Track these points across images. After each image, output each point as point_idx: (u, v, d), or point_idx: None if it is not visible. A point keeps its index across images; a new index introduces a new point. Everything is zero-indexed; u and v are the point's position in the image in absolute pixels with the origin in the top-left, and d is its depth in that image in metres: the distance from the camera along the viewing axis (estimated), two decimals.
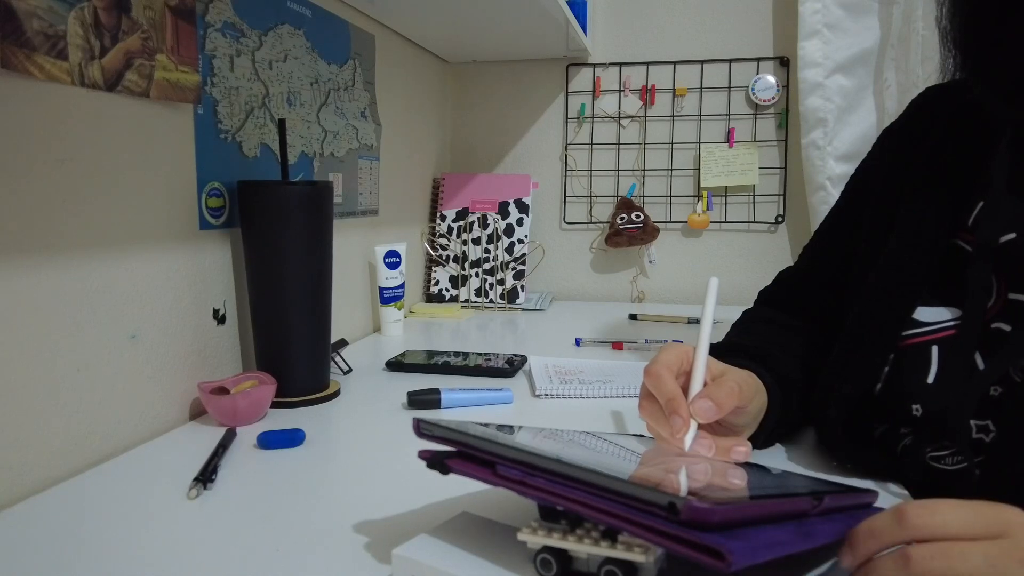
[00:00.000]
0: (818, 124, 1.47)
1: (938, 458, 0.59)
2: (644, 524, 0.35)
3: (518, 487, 0.41)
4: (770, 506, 0.40)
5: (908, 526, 0.38)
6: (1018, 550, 0.36)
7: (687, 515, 0.34)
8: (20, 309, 0.60)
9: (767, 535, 0.37)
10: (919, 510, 0.38)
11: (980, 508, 0.38)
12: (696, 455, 0.54)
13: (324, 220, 0.85)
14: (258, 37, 0.92)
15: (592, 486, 0.38)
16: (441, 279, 1.58)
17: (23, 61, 0.57)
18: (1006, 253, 0.58)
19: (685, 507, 0.34)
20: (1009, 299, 0.58)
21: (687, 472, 0.46)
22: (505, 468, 0.42)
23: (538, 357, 1.04)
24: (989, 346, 0.57)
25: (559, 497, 0.39)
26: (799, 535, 0.40)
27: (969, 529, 0.37)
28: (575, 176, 1.70)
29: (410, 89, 1.48)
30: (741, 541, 0.35)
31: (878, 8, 1.44)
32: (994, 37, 0.60)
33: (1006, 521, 0.37)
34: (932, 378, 0.59)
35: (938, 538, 0.37)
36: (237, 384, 0.78)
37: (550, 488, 0.39)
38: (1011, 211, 0.59)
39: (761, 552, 0.35)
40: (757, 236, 1.64)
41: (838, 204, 0.80)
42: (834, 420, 0.63)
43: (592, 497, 0.38)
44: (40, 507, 0.57)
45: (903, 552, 0.37)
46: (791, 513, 0.41)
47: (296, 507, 0.57)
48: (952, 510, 0.38)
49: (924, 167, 0.67)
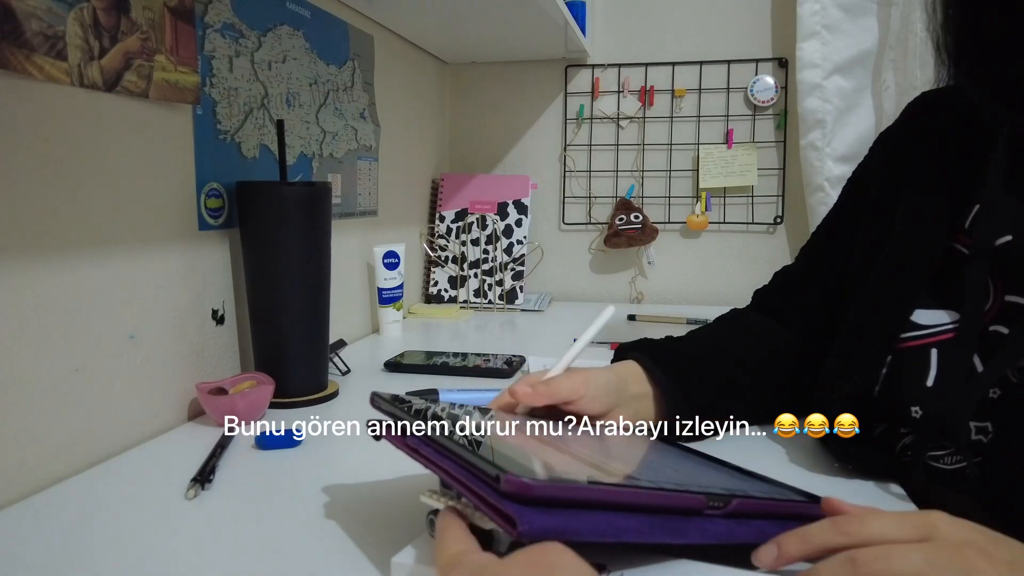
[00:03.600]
0: (816, 125, 1.47)
1: (936, 458, 0.59)
2: (475, 492, 0.39)
3: (413, 454, 0.46)
4: (626, 494, 0.41)
5: (842, 532, 0.41)
6: (949, 548, 0.38)
7: (507, 487, 0.37)
8: (19, 309, 0.60)
9: (597, 519, 0.39)
10: (851, 519, 0.42)
11: (904, 516, 0.41)
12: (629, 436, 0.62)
13: (323, 221, 0.85)
14: (257, 38, 0.92)
15: (455, 455, 0.43)
16: (440, 280, 1.58)
17: (22, 61, 0.57)
18: (1002, 255, 0.59)
19: (505, 480, 0.37)
20: (1006, 301, 0.58)
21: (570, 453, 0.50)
22: (411, 439, 0.47)
23: (537, 358, 1.04)
24: (987, 349, 0.57)
25: (433, 464, 0.44)
26: (660, 528, 0.41)
27: (900, 534, 0.40)
28: (574, 177, 1.71)
29: (409, 90, 1.48)
30: (549, 517, 0.37)
31: (877, 9, 1.45)
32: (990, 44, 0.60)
33: (931, 523, 0.40)
34: (931, 381, 0.59)
35: (875, 542, 0.39)
36: (236, 384, 0.78)
37: (432, 458, 0.44)
38: (1007, 213, 0.59)
39: (578, 532, 0.38)
40: (756, 237, 1.64)
41: (836, 206, 0.80)
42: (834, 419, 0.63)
43: (452, 465, 0.42)
44: (38, 507, 0.57)
45: (849, 555, 0.39)
46: (671, 507, 0.42)
47: (294, 507, 0.57)
48: (880, 518, 0.41)
49: (921, 170, 0.67)
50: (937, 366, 0.59)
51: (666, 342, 0.74)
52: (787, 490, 0.53)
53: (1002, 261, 0.58)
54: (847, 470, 0.64)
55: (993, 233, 0.59)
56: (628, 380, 0.66)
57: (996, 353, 0.56)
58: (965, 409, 0.57)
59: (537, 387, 0.59)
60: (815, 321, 0.77)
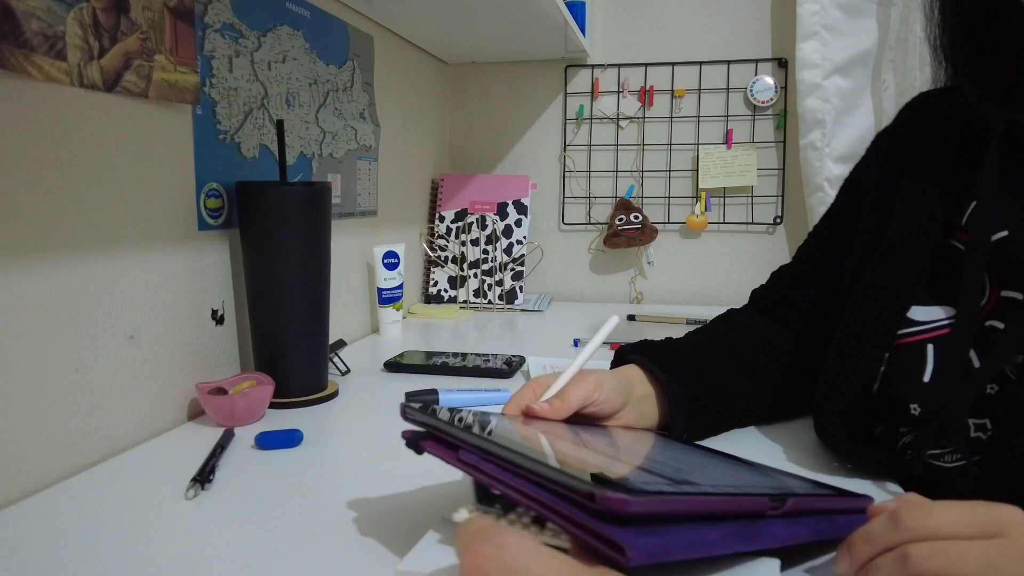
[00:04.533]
0: (816, 125, 1.47)
1: (937, 456, 0.59)
2: (561, 512, 0.36)
3: (474, 472, 0.43)
4: (710, 503, 0.39)
5: (903, 528, 0.38)
6: (1016, 548, 0.36)
7: (602, 504, 0.34)
8: (18, 309, 0.60)
9: (689, 534, 0.37)
10: (913, 512, 0.38)
11: (976, 507, 0.38)
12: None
13: (322, 221, 0.85)
14: (257, 38, 0.92)
15: (527, 471, 0.39)
16: (440, 280, 1.58)
17: (22, 62, 0.58)
18: (998, 251, 0.59)
19: (602, 496, 0.34)
20: (1002, 296, 0.58)
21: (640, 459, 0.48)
22: (465, 454, 0.45)
23: (536, 358, 1.04)
24: (984, 344, 0.58)
25: (502, 484, 0.41)
26: (737, 536, 0.39)
27: (965, 529, 0.37)
28: (574, 177, 1.71)
29: (409, 90, 1.48)
30: (652, 538, 0.34)
31: (876, 10, 1.45)
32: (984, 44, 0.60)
33: (1003, 520, 0.37)
34: (928, 377, 0.59)
35: (935, 538, 0.37)
36: (235, 384, 0.78)
37: (497, 475, 0.41)
38: (1003, 209, 0.60)
39: (674, 551, 0.35)
40: (755, 237, 1.64)
41: (833, 205, 0.81)
42: (834, 416, 0.64)
43: (527, 484, 0.39)
44: (38, 507, 0.57)
45: (902, 551, 0.37)
46: (739, 512, 0.41)
47: (294, 508, 0.57)
48: (947, 511, 0.38)
49: (918, 169, 0.67)
50: (934, 362, 0.60)
51: (665, 343, 0.74)
52: (814, 485, 0.52)
53: (998, 256, 0.59)
54: (847, 469, 0.64)
55: (989, 228, 0.60)
56: (633, 381, 0.66)
57: (992, 348, 0.57)
58: (963, 406, 0.57)
59: (553, 403, 0.58)
60: (812, 320, 0.77)
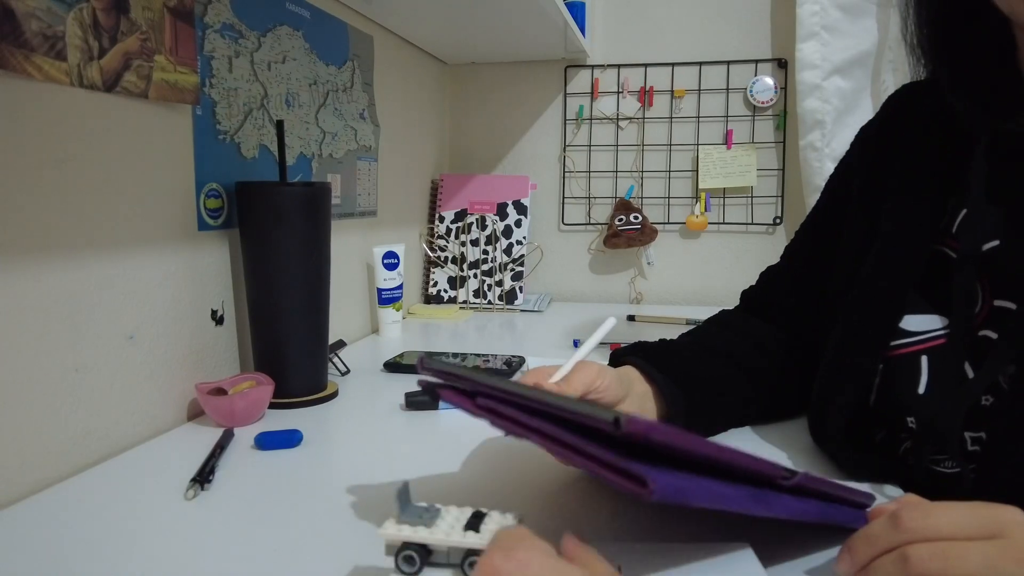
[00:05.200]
0: (816, 126, 1.47)
1: (937, 461, 0.59)
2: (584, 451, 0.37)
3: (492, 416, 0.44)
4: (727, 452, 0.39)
5: (903, 529, 0.38)
6: (1015, 550, 0.35)
7: (629, 428, 0.35)
8: (18, 309, 0.60)
9: (708, 484, 0.37)
10: (913, 513, 0.38)
11: (976, 508, 0.38)
12: None
13: (322, 221, 0.85)
14: (257, 38, 0.92)
15: (550, 406, 0.40)
16: (439, 280, 1.58)
17: (22, 62, 0.58)
18: (990, 260, 0.58)
19: (628, 420, 0.35)
20: (995, 306, 0.58)
21: None
22: (483, 400, 0.45)
23: (536, 358, 1.04)
24: (977, 354, 0.57)
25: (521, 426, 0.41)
26: (752, 498, 0.40)
27: (965, 530, 0.37)
28: (573, 177, 1.71)
29: (408, 90, 1.48)
30: (674, 479, 0.35)
31: (876, 10, 1.45)
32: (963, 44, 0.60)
33: (1003, 521, 0.37)
34: (923, 388, 0.59)
35: (935, 539, 0.37)
36: (235, 385, 0.78)
37: (516, 416, 0.41)
38: (992, 219, 0.59)
39: (693, 495, 0.36)
40: (755, 237, 1.64)
41: (819, 204, 0.81)
42: (834, 433, 0.63)
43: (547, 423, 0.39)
44: (37, 508, 0.57)
45: (902, 552, 0.37)
46: (754, 472, 0.41)
47: (293, 508, 0.57)
48: (947, 512, 0.38)
49: (903, 168, 0.67)
50: (928, 373, 0.59)
51: (658, 344, 0.74)
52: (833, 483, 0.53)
53: (990, 266, 0.58)
54: (848, 474, 0.64)
55: (980, 238, 0.59)
56: (632, 378, 0.66)
57: (986, 359, 0.56)
58: (957, 417, 0.56)
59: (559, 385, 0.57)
60: (801, 318, 0.77)
